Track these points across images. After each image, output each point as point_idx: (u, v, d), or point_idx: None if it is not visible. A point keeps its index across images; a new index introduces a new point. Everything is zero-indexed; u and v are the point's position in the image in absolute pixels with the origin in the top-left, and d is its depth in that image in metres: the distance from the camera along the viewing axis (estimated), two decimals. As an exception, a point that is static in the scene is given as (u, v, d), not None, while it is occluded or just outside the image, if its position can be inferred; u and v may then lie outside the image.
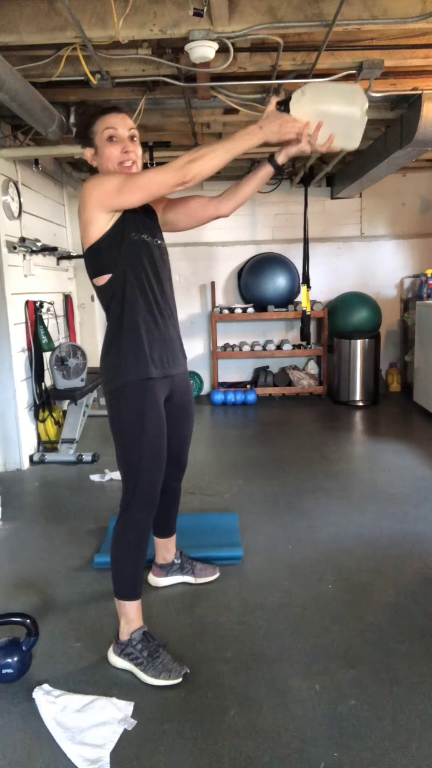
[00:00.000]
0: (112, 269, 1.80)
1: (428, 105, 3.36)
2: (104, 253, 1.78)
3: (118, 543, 1.89)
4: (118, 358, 1.81)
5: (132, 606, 1.90)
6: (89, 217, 1.75)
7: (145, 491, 1.85)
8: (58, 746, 1.58)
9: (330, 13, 2.41)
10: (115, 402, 1.84)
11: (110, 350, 1.84)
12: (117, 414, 1.84)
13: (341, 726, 1.62)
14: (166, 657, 1.85)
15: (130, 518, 1.87)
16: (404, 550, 2.63)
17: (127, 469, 1.86)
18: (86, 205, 1.74)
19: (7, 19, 2.45)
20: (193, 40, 2.47)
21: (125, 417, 1.82)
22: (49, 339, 4.30)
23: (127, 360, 1.80)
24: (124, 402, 1.82)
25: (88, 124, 1.83)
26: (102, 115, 1.81)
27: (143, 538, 1.90)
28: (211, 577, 2.42)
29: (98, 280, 1.83)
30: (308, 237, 5.55)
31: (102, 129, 1.80)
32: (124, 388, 1.81)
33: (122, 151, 1.80)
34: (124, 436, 1.84)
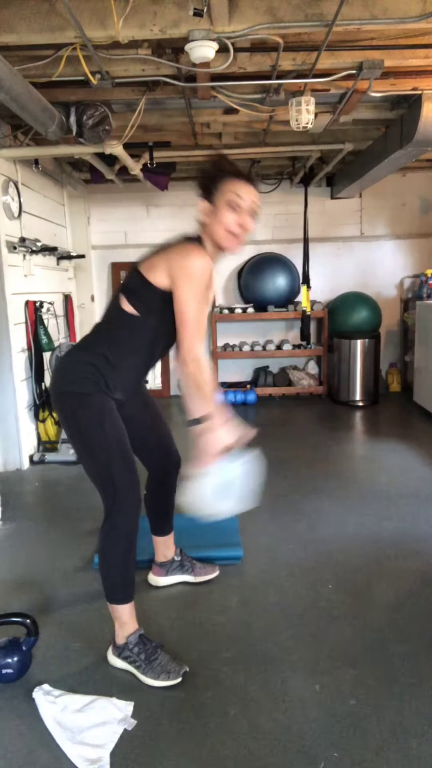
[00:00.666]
0: (144, 313, 1.82)
1: (428, 105, 3.36)
2: (151, 297, 1.80)
3: (106, 548, 1.87)
4: (91, 370, 1.80)
5: (124, 609, 1.89)
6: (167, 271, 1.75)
7: (126, 494, 1.82)
8: (58, 746, 1.58)
9: (330, 13, 2.41)
10: (69, 410, 1.82)
11: (86, 359, 1.83)
12: (76, 422, 1.82)
13: (341, 726, 1.62)
14: (164, 658, 1.85)
15: (116, 522, 1.84)
16: (404, 550, 2.63)
17: (101, 476, 1.83)
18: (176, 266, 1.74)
19: (7, 19, 2.45)
20: (193, 40, 2.47)
21: (85, 425, 1.81)
22: (49, 339, 4.30)
23: (98, 376, 1.80)
24: (82, 410, 1.80)
25: (215, 178, 1.80)
26: (234, 178, 1.79)
27: (132, 540, 1.87)
28: (211, 575, 2.42)
29: (127, 305, 1.83)
30: (308, 237, 5.55)
31: (231, 191, 1.77)
32: (85, 396, 1.80)
33: (238, 224, 1.79)
34: (90, 445, 1.82)
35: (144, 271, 1.81)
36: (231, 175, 1.79)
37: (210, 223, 1.81)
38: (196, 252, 1.76)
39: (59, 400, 1.86)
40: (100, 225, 5.93)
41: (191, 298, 1.73)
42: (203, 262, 1.75)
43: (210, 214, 1.81)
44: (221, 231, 1.80)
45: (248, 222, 1.82)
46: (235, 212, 1.79)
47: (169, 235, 2.06)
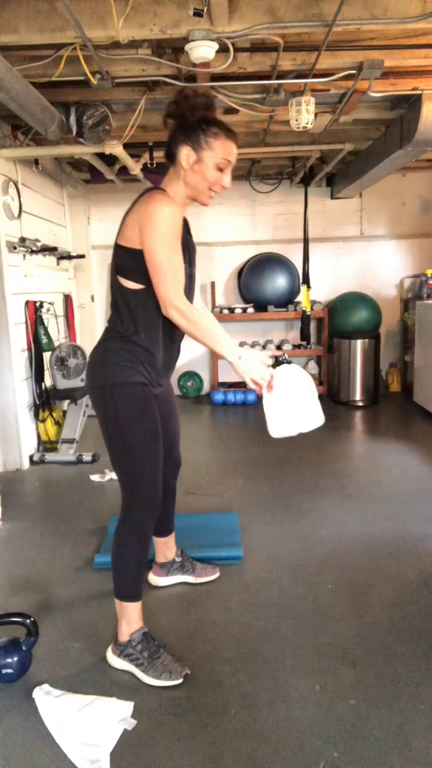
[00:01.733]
0: (144, 282, 1.75)
1: (428, 105, 3.36)
2: (141, 263, 1.72)
3: (121, 544, 1.87)
4: (122, 358, 1.78)
5: (133, 607, 1.89)
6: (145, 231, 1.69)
7: (148, 491, 1.84)
8: (58, 746, 1.58)
9: (330, 13, 2.41)
10: (110, 400, 1.79)
11: (115, 347, 1.80)
12: (113, 413, 1.80)
13: (341, 726, 1.62)
14: (166, 657, 1.85)
15: (134, 519, 1.85)
16: (404, 550, 2.63)
17: (129, 470, 1.84)
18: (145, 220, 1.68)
19: (7, 19, 2.45)
20: (193, 40, 2.47)
21: (124, 416, 1.79)
22: (49, 339, 4.30)
23: (131, 362, 1.79)
24: (122, 400, 1.79)
25: (206, 130, 1.74)
26: (227, 138, 1.76)
27: (146, 539, 1.88)
28: (212, 576, 2.42)
29: (126, 282, 1.78)
30: (308, 237, 5.55)
31: (221, 151, 1.75)
32: (123, 386, 1.79)
33: (222, 183, 1.79)
34: (124, 436, 1.81)
35: (122, 242, 1.76)
36: (224, 131, 1.75)
37: (191, 173, 1.76)
38: (158, 198, 1.70)
39: (100, 394, 1.82)
40: (100, 225, 5.93)
41: (159, 244, 1.66)
42: (168, 208, 1.68)
43: (194, 166, 1.75)
44: (204, 187, 1.78)
45: (229, 181, 1.81)
46: (222, 173, 1.78)
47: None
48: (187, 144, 1.75)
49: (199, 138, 1.73)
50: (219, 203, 5.75)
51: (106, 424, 1.84)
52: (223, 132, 1.75)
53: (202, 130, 1.73)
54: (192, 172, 1.77)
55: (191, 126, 1.74)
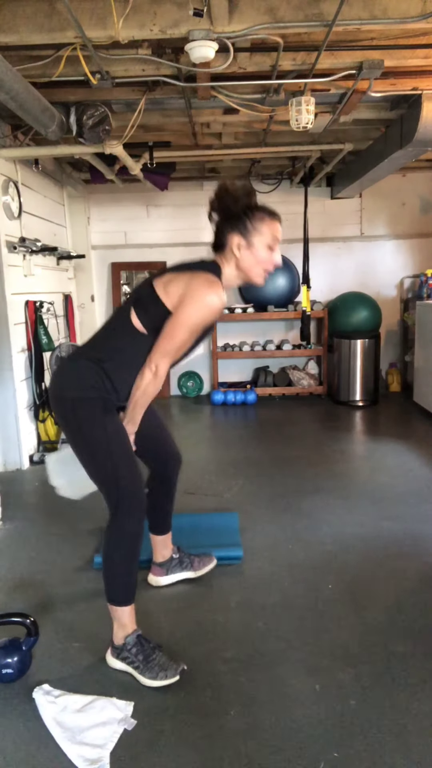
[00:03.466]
0: (151, 333, 1.82)
1: (428, 105, 3.36)
2: (159, 319, 1.80)
3: (110, 550, 1.87)
4: (98, 378, 1.81)
5: (125, 611, 1.89)
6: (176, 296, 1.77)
7: (129, 495, 1.83)
8: (58, 746, 1.58)
9: (330, 13, 2.41)
10: (71, 412, 1.83)
11: (96, 362, 1.83)
12: (77, 424, 1.83)
13: (341, 726, 1.62)
14: (161, 658, 1.85)
15: (121, 526, 1.84)
16: (404, 550, 2.63)
17: (105, 479, 1.84)
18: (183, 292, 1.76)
19: (7, 19, 2.45)
20: (193, 40, 2.47)
21: (88, 427, 1.82)
22: (49, 339, 4.30)
23: (103, 382, 1.81)
24: (83, 411, 1.81)
25: (252, 216, 1.83)
26: (271, 220, 1.85)
27: (136, 543, 1.87)
28: (209, 566, 2.43)
29: (136, 321, 1.84)
30: (308, 237, 5.55)
31: (269, 234, 1.84)
32: (86, 399, 1.81)
33: (274, 263, 1.89)
34: (92, 447, 1.83)
35: (158, 288, 1.82)
36: (267, 214, 1.86)
37: (244, 258, 1.86)
38: (216, 288, 1.79)
39: (60, 403, 1.86)
40: (100, 225, 5.93)
41: (187, 327, 1.77)
42: (218, 301, 1.78)
43: (244, 250, 1.85)
44: (258, 269, 1.88)
45: (280, 258, 1.92)
46: (271, 252, 1.87)
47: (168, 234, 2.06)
48: (236, 232, 1.84)
49: (247, 225, 1.84)
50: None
51: (68, 433, 1.88)
52: (267, 215, 1.86)
53: (247, 217, 1.84)
54: (244, 258, 1.86)
55: (237, 215, 1.84)
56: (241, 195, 1.85)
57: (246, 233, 1.83)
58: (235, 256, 1.86)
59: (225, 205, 1.86)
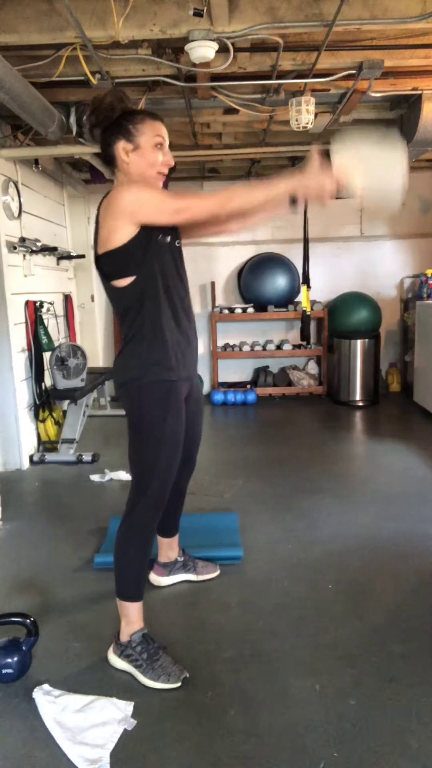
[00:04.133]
0: (136, 271, 1.76)
1: (428, 105, 3.36)
2: (129, 256, 1.74)
3: (123, 543, 1.87)
4: (142, 357, 1.79)
5: (134, 607, 1.89)
6: (116, 224, 1.71)
7: (156, 493, 1.83)
8: (58, 746, 1.58)
9: (330, 13, 2.41)
10: (137, 399, 1.80)
11: (133, 349, 1.80)
12: (139, 411, 1.80)
13: (341, 726, 1.62)
14: (166, 660, 1.85)
15: (137, 519, 1.85)
16: (404, 550, 2.63)
17: (142, 468, 1.83)
18: (116, 214, 1.70)
19: (7, 19, 2.45)
20: (193, 40, 2.47)
21: (148, 414, 1.79)
22: (49, 339, 4.30)
23: (153, 360, 1.79)
24: (148, 399, 1.79)
25: (131, 119, 1.80)
26: (152, 119, 1.82)
27: (149, 538, 1.88)
28: (212, 574, 2.42)
29: (119, 282, 1.78)
30: (308, 237, 5.55)
31: (152, 132, 1.80)
32: (150, 385, 1.79)
33: (165, 162, 1.84)
34: (144, 434, 1.81)
35: (102, 250, 1.77)
36: (147, 115, 1.83)
37: (134, 162, 1.81)
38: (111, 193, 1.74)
39: (125, 392, 1.83)
40: (100, 225, 5.92)
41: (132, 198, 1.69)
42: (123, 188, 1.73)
43: (132, 154, 1.80)
44: (151, 170, 1.82)
45: (171, 158, 1.85)
46: (161, 152, 1.82)
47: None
48: (120, 138, 1.81)
49: (128, 128, 1.80)
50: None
51: (130, 421, 1.85)
52: (147, 115, 1.83)
53: (127, 121, 1.80)
54: (134, 162, 1.81)
55: (116, 122, 1.81)
56: (115, 101, 1.81)
57: (129, 136, 1.79)
58: (125, 162, 1.82)
59: (102, 116, 1.82)
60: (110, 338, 6.10)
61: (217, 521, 2.94)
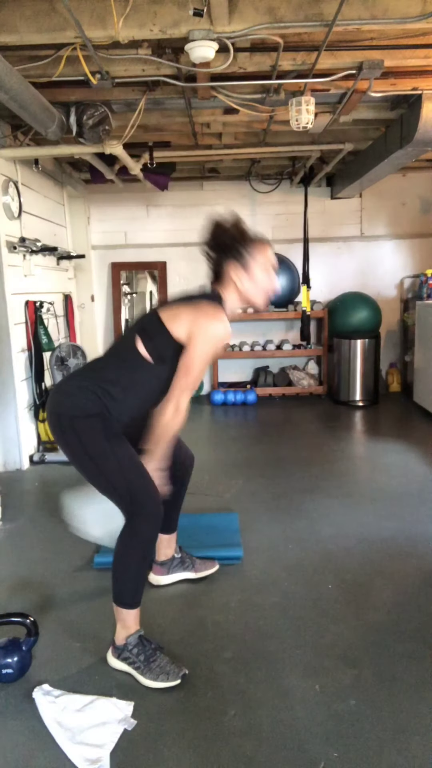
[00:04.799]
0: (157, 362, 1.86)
1: (428, 105, 3.36)
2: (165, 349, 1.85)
3: (123, 554, 1.86)
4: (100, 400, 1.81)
5: (130, 613, 1.89)
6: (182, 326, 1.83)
7: (145, 501, 1.82)
8: (58, 746, 1.58)
9: (330, 13, 2.41)
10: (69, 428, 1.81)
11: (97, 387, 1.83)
12: (77, 438, 1.81)
13: (341, 726, 1.62)
14: (163, 660, 1.85)
15: (136, 530, 1.84)
16: (404, 550, 2.63)
17: (116, 489, 1.82)
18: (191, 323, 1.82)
19: (7, 19, 2.45)
20: (193, 40, 2.47)
21: (89, 440, 1.81)
22: (49, 339, 4.30)
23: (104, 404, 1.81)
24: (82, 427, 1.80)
25: (244, 242, 1.91)
26: (263, 245, 1.94)
27: (148, 549, 1.88)
28: (211, 570, 2.43)
29: (143, 349, 1.86)
30: (308, 237, 5.55)
31: (264, 259, 1.93)
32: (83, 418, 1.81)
33: (273, 287, 1.98)
34: (97, 459, 1.81)
35: (164, 318, 1.85)
36: (258, 240, 1.95)
37: (244, 284, 1.93)
38: (220, 315, 1.86)
39: (58, 421, 1.84)
40: (100, 225, 5.93)
41: (201, 358, 1.84)
42: (225, 330, 1.86)
43: (243, 276, 1.92)
44: (259, 293, 1.96)
45: (277, 281, 2.02)
46: (269, 276, 1.96)
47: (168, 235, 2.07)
48: (233, 260, 1.92)
49: (242, 252, 1.92)
50: (218, 203, 5.75)
51: (68, 450, 1.87)
52: (257, 240, 1.95)
53: (241, 245, 1.92)
54: (247, 285, 1.94)
55: (231, 246, 1.93)
56: (232, 226, 1.94)
57: (242, 260, 1.91)
58: (234, 283, 1.93)
59: (219, 239, 1.94)
60: (110, 338, 6.10)
61: (217, 521, 2.94)
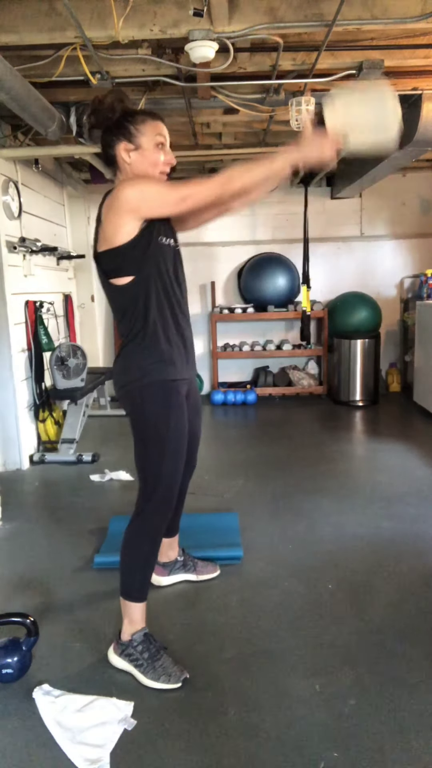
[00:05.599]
0: (135, 272, 1.77)
1: (428, 105, 3.36)
2: (129, 255, 1.75)
3: (131, 545, 1.87)
4: (142, 358, 1.79)
5: (137, 607, 1.89)
6: (120, 221, 1.71)
7: (164, 495, 1.84)
8: (58, 746, 1.58)
9: (330, 13, 2.41)
10: (139, 401, 1.81)
11: (132, 350, 1.81)
12: (141, 411, 1.81)
13: (341, 726, 1.62)
14: (166, 660, 1.85)
15: (146, 521, 1.85)
16: (404, 550, 2.63)
17: (149, 471, 1.84)
18: (120, 210, 1.70)
19: (7, 19, 2.45)
20: (193, 40, 2.47)
21: (151, 414, 1.80)
22: (49, 339, 4.30)
23: (152, 360, 1.79)
24: (150, 400, 1.80)
25: (132, 119, 1.80)
26: (153, 119, 1.82)
27: (157, 541, 1.88)
28: (212, 574, 2.43)
29: (117, 280, 1.79)
30: (308, 237, 5.55)
31: (153, 132, 1.81)
32: (150, 386, 1.80)
33: (167, 161, 1.84)
34: (148, 434, 1.81)
35: (102, 248, 1.78)
36: (147, 115, 1.83)
37: (135, 162, 1.81)
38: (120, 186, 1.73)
39: (125, 394, 1.84)
40: (100, 225, 5.92)
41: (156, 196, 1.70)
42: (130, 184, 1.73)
43: (134, 153, 1.81)
44: (153, 170, 1.82)
45: (173, 157, 1.86)
46: (162, 152, 1.82)
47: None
48: (120, 139, 1.81)
49: (129, 128, 1.80)
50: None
51: (134, 422, 1.85)
52: (148, 115, 1.83)
53: (128, 122, 1.81)
54: (136, 162, 1.82)
55: (117, 123, 1.82)
56: (115, 101, 1.82)
57: (130, 137, 1.80)
58: (127, 163, 1.82)
59: (103, 116, 1.83)
60: (110, 338, 6.10)
61: (217, 521, 2.94)
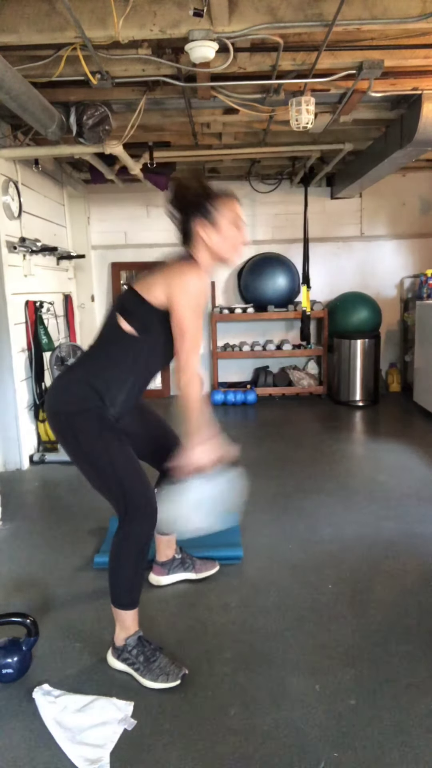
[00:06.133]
0: (142, 334, 1.84)
1: (428, 105, 3.36)
2: (148, 320, 1.82)
3: (118, 554, 1.86)
4: (91, 388, 1.82)
5: (129, 614, 1.89)
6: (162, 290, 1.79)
7: (139, 502, 1.82)
8: (58, 746, 1.58)
9: (330, 13, 2.41)
10: (68, 428, 1.84)
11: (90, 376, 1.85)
12: (75, 438, 1.84)
13: (341, 726, 1.62)
14: (163, 660, 1.85)
15: (131, 531, 1.84)
16: (404, 550, 2.63)
17: (109, 489, 1.84)
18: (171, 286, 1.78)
19: (7, 19, 2.45)
20: (193, 40, 2.47)
21: (84, 438, 1.82)
22: (49, 339, 4.30)
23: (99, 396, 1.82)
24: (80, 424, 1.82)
25: (208, 198, 1.87)
26: (230, 199, 1.90)
27: (144, 549, 1.87)
28: (211, 570, 2.43)
29: (125, 324, 1.85)
30: (308, 237, 5.55)
31: (232, 214, 1.88)
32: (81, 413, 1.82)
33: (242, 241, 1.93)
34: (92, 456, 1.83)
35: (140, 291, 1.84)
36: (223, 195, 1.90)
37: (212, 239, 1.88)
38: (193, 271, 1.83)
39: (56, 419, 1.87)
40: (100, 225, 5.92)
41: (189, 314, 1.80)
42: (201, 280, 1.82)
43: (211, 233, 1.88)
44: (229, 248, 1.91)
45: (246, 236, 1.97)
46: (238, 230, 1.91)
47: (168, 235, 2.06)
48: (199, 217, 1.87)
49: (207, 208, 1.87)
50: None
51: (67, 449, 1.89)
52: (224, 195, 1.91)
53: (206, 201, 1.87)
54: (213, 239, 1.88)
55: (196, 202, 1.88)
56: (194, 182, 1.90)
57: (209, 215, 1.86)
58: (203, 240, 1.88)
59: (183, 198, 1.89)
60: (110, 338, 6.10)
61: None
